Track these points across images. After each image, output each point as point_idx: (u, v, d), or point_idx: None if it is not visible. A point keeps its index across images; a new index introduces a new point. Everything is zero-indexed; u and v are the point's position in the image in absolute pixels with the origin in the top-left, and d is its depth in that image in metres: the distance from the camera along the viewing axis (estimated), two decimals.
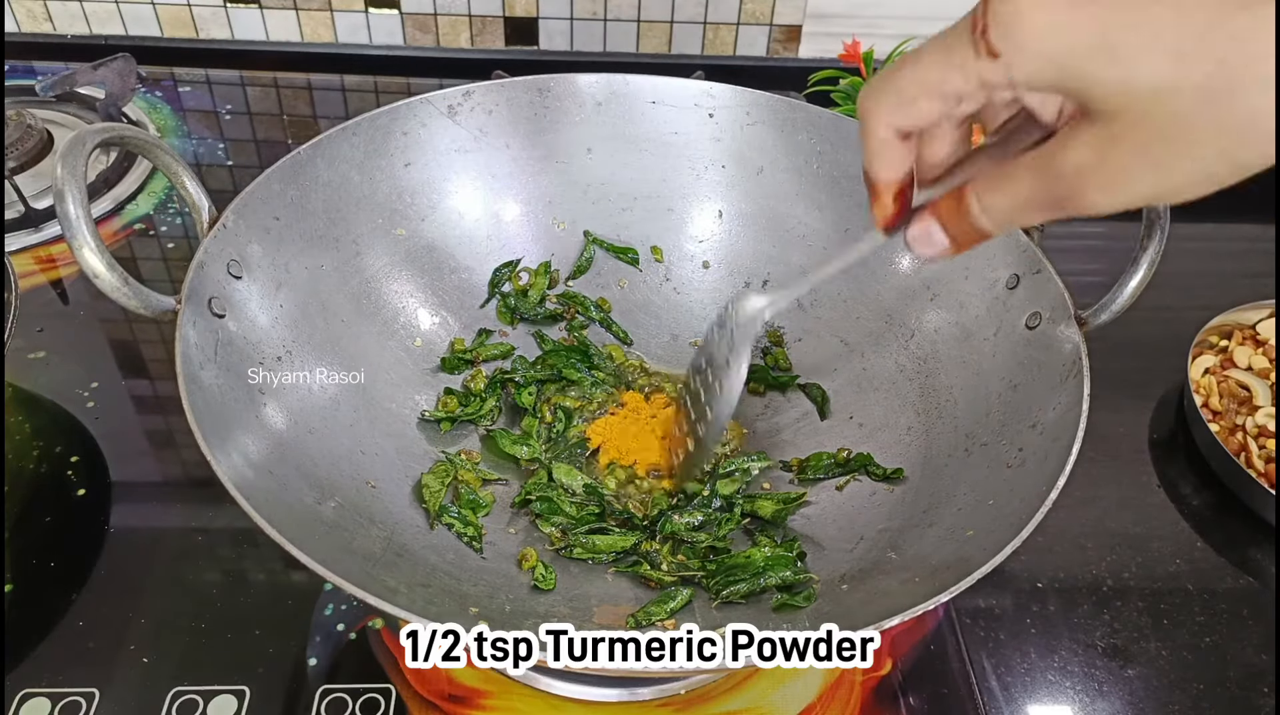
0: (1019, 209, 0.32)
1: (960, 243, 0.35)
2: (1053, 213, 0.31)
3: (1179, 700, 0.54)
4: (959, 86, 0.30)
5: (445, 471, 0.56)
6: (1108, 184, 0.29)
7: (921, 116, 0.32)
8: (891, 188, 0.36)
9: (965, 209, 0.33)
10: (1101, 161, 0.28)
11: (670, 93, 0.65)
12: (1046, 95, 0.30)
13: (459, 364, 0.63)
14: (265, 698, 0.50)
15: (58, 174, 0.42)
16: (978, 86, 0.29)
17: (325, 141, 0.58)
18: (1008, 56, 0.28)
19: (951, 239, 0.35)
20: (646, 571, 0.52)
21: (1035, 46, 0.28)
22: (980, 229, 0.33)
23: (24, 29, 1.01)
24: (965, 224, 0.34)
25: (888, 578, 0.47)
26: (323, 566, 0.38)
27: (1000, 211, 0.33)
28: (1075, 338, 0.49)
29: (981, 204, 0.33)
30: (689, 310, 0.68)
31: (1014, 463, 0.49)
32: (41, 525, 0.58)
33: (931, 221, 0.35)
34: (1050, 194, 0.30)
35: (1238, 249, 0.88)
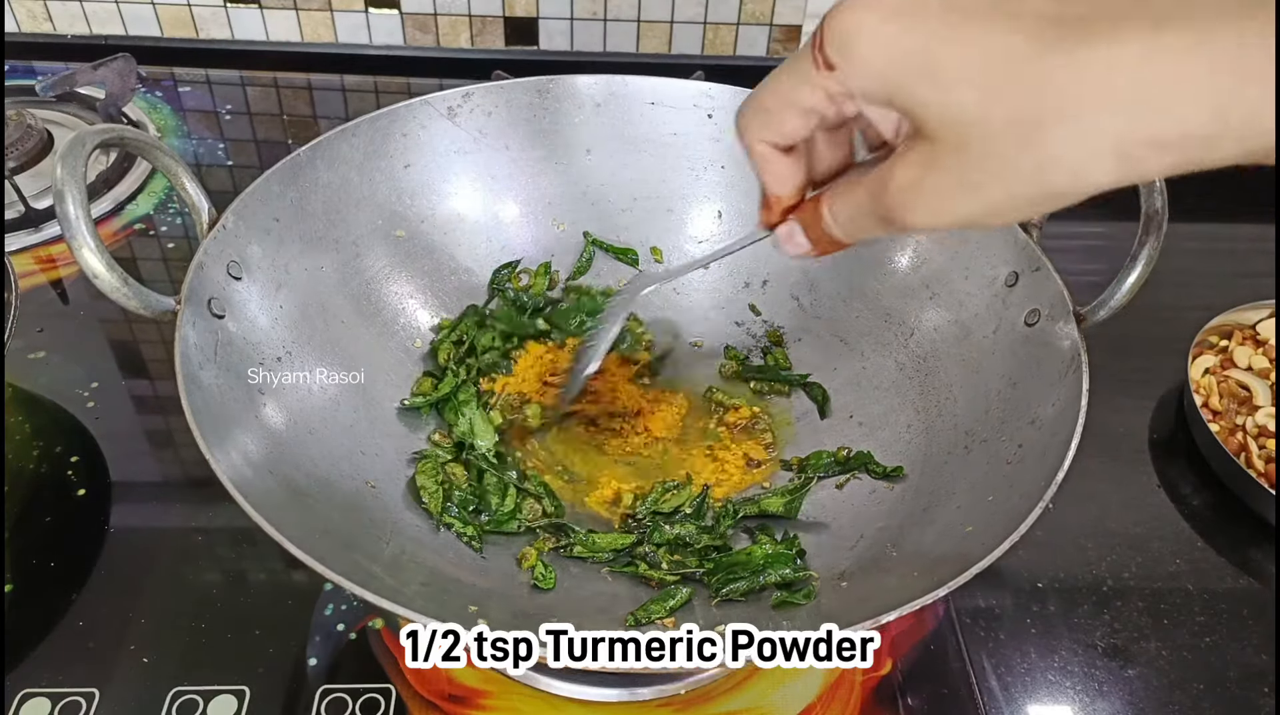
0: (857, 220, 0.33)
1: (819, 245, 0.37)
2: (883, 227, 0.32)
3: (1179, 700, 0.54)
4: (807, 99, 0.31)
5: (433, 467, 0.55)
6: (927, 205, 0.30)
7: (786, 130, 0.33)
8: (781, 202, 0.37)
9: (819, 215, 0.35)
10: (922, 181, 0.29)
11: (669, 93, 0.65)
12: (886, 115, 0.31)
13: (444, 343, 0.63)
14: (265, 698, 0.50)
15: (57, 174, 0.42)
16: (824, 98, 0.31)
17: (325, 143, 0.58)
18: (841, 69, 0.29)
19: (811, 242, 0.37)
20: (645, 571, 0.52)
21: (866, 61, 0.29)
22: (830, 235, 0.35)
23: (24, 29, 1.01)
24: (819, 229, 0.36)
25: (887, 575, 0.47)
26: (323, 566, 0.38)
27: (843, 221, 0.34)
28: (1074, 334, 0.49)
29: (831, 212, 0.34)
30: (689, 311, 0.68)
31: (1013, 459, 0.49)
32: (41, 525, 0.58)
33: (795, 224, 0.37)
34: (878, 209, 0.32)
35: (1238, 249, 0.88)
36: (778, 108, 0.33)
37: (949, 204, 0.29)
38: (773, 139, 0.34)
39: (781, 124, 0.33)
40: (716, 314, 0.68)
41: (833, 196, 0.34)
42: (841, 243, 0.35)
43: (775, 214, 0.38)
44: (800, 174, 0.36)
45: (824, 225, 0.35)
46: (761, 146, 0.35)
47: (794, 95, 0.32)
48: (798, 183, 0.36)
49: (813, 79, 0.30)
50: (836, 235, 0.35)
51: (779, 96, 0.33)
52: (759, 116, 0.34)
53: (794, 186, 0.36)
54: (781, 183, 0.36)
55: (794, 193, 0.37)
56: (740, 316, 0.67)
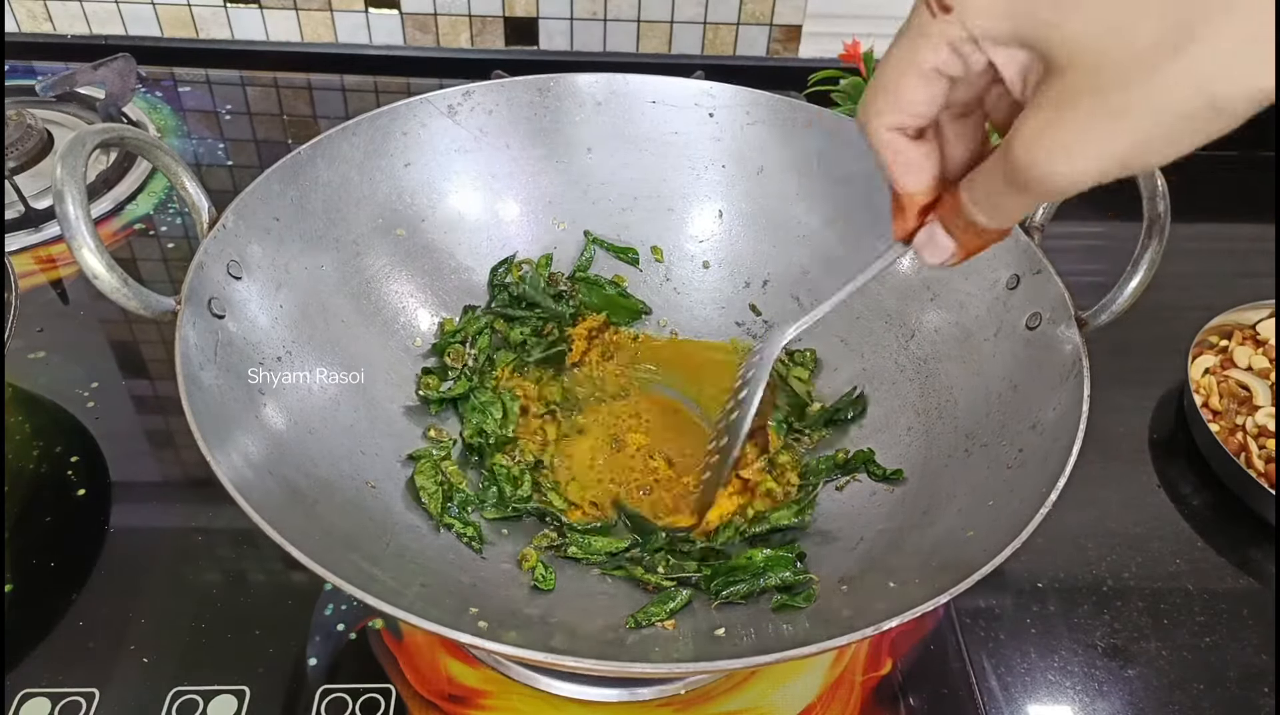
0: (998, 195, 0.30)
1: (964, 242, 0.33)
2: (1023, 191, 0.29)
3: (1179, 700, 0.54)
4: (929, 57, 0.29)
5: (431, 467, 0.55)
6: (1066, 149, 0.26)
7: (912, 104, 0.30)
8: (916, 201, 0.34)
9: (960, 205, 0.32)
10: (1058, 122, 0.26)
11: (670, 92, 0.65)
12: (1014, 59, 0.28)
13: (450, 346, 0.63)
14: (265, 698, 0.50)
15: (57, 174, 0.42)
16: (947, 50, 0.28)
17: (325, 142, 0.58)
18: (960, 6, 0.27)
19: (956, 240, 0.33)
20: (641, 575, 0.52)
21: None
22: (975, 223, 0.32)
23: (24, 29, 1.01)
24: (961, 220, 0.32)
25: (888, 578, 0.47)
26: (323, 566, 0.38)
27: (984, 200, 0.31)
28: (1075, 338, 0.49)
29: (971, 196, 0.31)
30: (689, 310, 0.68)
31: (1014, 463, 0.49)
32: (41, 525, 0.58)
33: (935, 225, 0.34)
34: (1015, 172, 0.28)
35: (1238, 249, 0.88)
36: (898, 79, 0.30)
37: (1091, 144, 0.26)
38: (899, 120, 0.31)
39: (906, 97, 0.30)
40: (717, 314, 0.68)
41: (970, 179, 0.31)
42: (988, 232, 0.32)
43: (910, 218, 0.34)
44: (933, 164, 0.33)
45: (965, 213, 0.32)
46: (888, 133, 0.31)
47: (914, 57, 0.29)
48: (931, 174, 0.33)
49: (930, 30, 0.28)
50: (980, 220, 0.31)
51: (897, 66, 0.30)
52: (880, 97, 0.31)
53: (928, 179, 0.33)
54: (913, 174, 0.33)
55: (928, 187, 0.33)
56: (740, 316, 0.67)
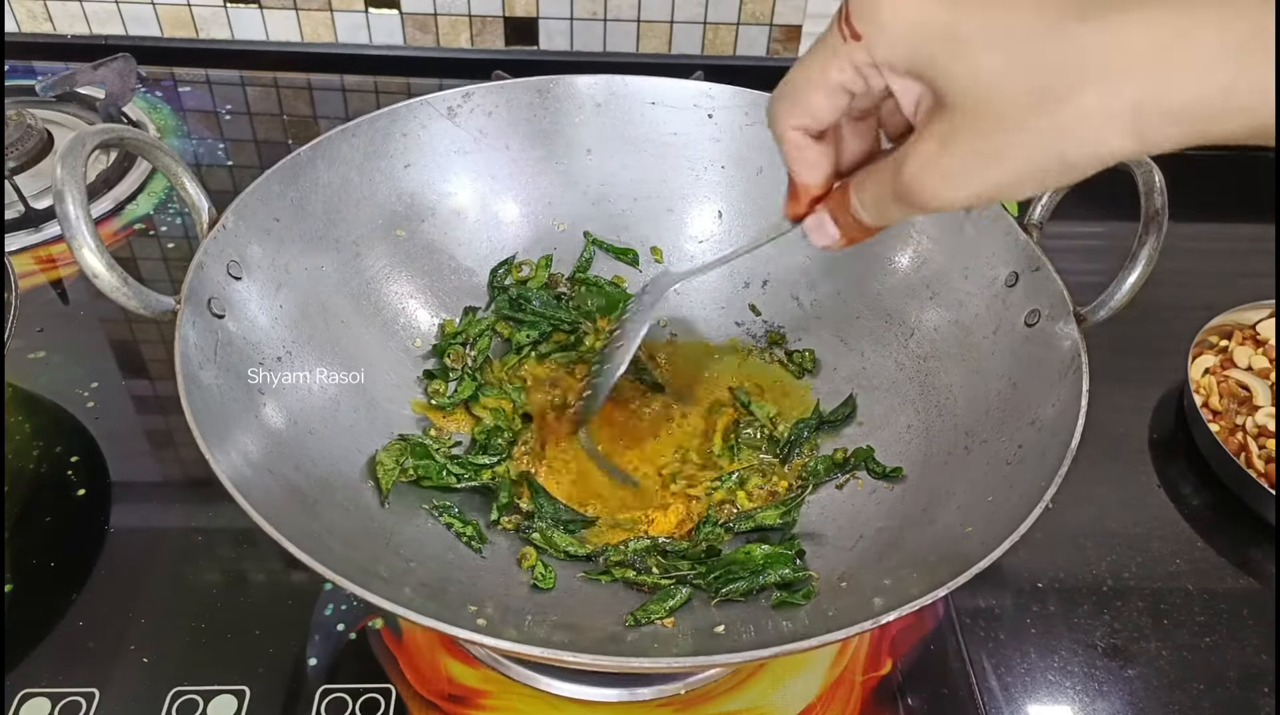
0: (882, 201, 0.34)
1: (847, 233, 0.37)
2: (906, 205, 0.32)
3: (1179, 700, 0.54)
4: (835, 74, 0.32)
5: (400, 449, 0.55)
6: (945, 177, 0.30)
7: (816, 111, 0.34)
8: (810, 191, 0.37)
9: (847, 201, 0.36)
10: (943, 152, 0.30)
11: (670, 93, 0.65)
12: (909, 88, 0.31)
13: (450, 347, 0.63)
14: (265, 698, 0.50)
15: (57, 174, 0.42)
16: (851, 71, 0.32)
17: (325, 143, 0.58)
18: (868, 37, 0.30)
19: (840, 230, 0.37)
20: (633, 576, 0.51)
21: (891, 29, 0.30)
22: (859, 220, 0.36)
23: (24, 29, 1.01)
24: (847, 215, 0.36)
25: (887, 575, 0.47)
26: (322, 566, 0.38)
27: (870, 204, 0.35)
28: (1074, 335, 0.49)
29: (858, 197, 0.35)
30: (689, 310, 0.68)
31: (1013, 460, 0.49)
32: (41, 525, 0.58)
33: (824, 213, 0.37)
34: (901, 185, 0.32)
35: (1238, 249, 0.88)
36: (806, 88, 0.33)
37: (967, 176, 0.30)
38: (803, 122, 0.35)
39: (811, 104, 0.34)
40: (717, 314, 0.68)
41: (859, 181, 0.35)
42: (869, 228, 0.36)
43: (802, 204, 0.38)
44: (829, 162, 0.37)
45: (852, 210, 0.35)
46: (792, 133, 0.35)
47: (822, 72, 0.32)
48: (826, 171, 0.37)
49: (840, 51, 0.31)
50: (865, 219, 0.35)
51: (808, 76, 0.33)
52: (788, 99, 0.34)
53: (823, 174, 0.37)
54: (811, 170, 0.37)
55: (823, 181, 0.37)
56: (740, 316, 0.67)
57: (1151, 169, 0.49)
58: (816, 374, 0.64)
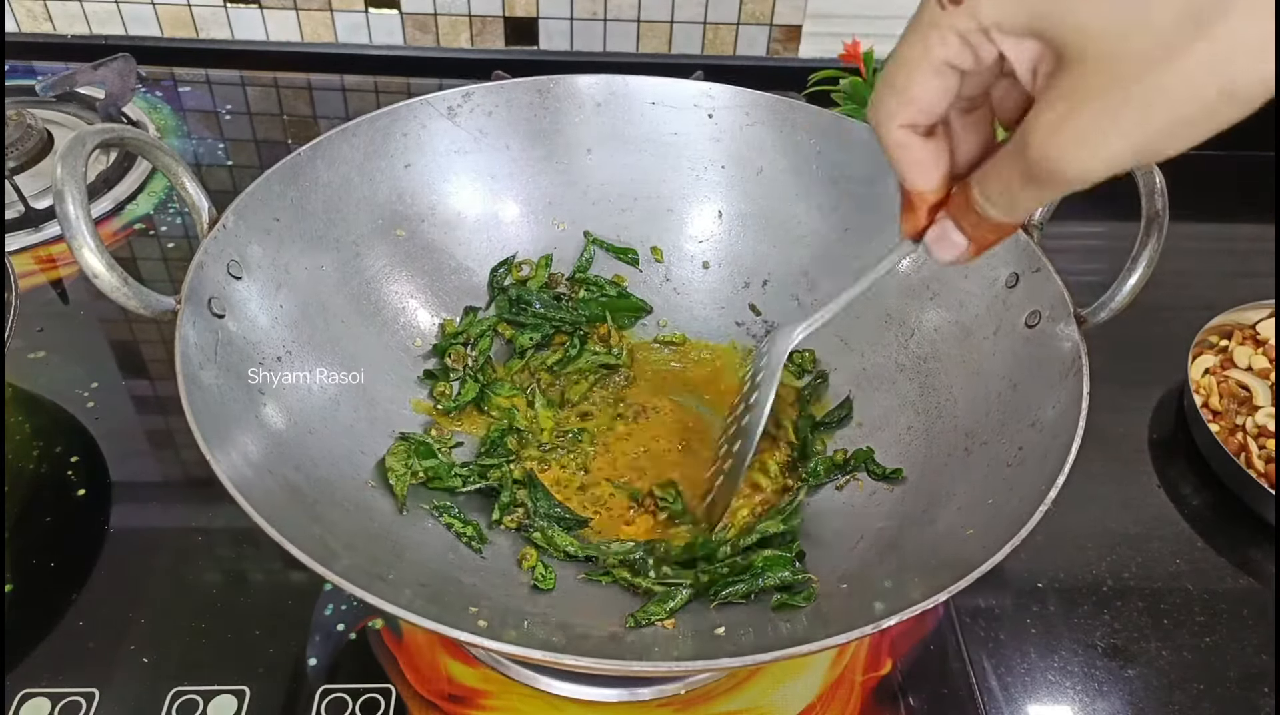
0: (1011, 190, 0.30)
1: (976, 239, 0.33)
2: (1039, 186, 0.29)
3: (1179, 700, 0.54)
4: (939, 50, 0.29)
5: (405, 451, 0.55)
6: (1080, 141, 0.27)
7: (923, 99, 0.31)
8: (926, 199, 0.34)
9: (971, 200, 0.32)
10: (1074, 112, 0.26)
11: (670, 93, 0.65)
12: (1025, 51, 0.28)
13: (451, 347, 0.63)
14: (265, 698, 0.50)
15: (57, 174, 0.42)
16: (957, 42, 0.28)
17: (325, 143, 0.58)
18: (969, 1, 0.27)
19: (968, 236, 0.33)
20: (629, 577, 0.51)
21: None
22: (988, 218, 0.32)
23: (24, 29, 1.01)
24: (973, 216, 0.32)
25: (887, 577, 0.47)
26: (322, 566, 0.38)
27: (997, 195, 0.31)
28: (1075, 336, 0.49)
29: (982, 190, 0.31)
30: (689, 311, 0.68)
31: (1013, 461, 0.49)
32: (41, 525, 0.58)
33: (947, 222, 0.34)
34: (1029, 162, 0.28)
35: (1238, 249, 0.88)
36: (909, 76, 0.30)
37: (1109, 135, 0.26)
38: (909, 117, 0.31)
39: (917, 94, 0.30)
40: (717, 314, 0.68)
41: (981, 173, 0.31)
42: (1001, 227, 0.32)
43: (921, 216, 0.35)
44: (943, 161, 0.33)
45: (978, 207, 0.32)
46: (898, 132, 0.32)
47: (925, 51, 0.29)
48: (942, 172, 0.33)
49: (940, 22, 0.28)
50: (993, 215, 0.31)
51: (908, 63, 0.30)
52: (891, 96, 0.31)
53: (938, 176, 0.33)
54: (925, 174, 0.33)
55: (939, 185, 0.34)
56: (740, 316, 0.67)
57: (1152, 171, 0.49)
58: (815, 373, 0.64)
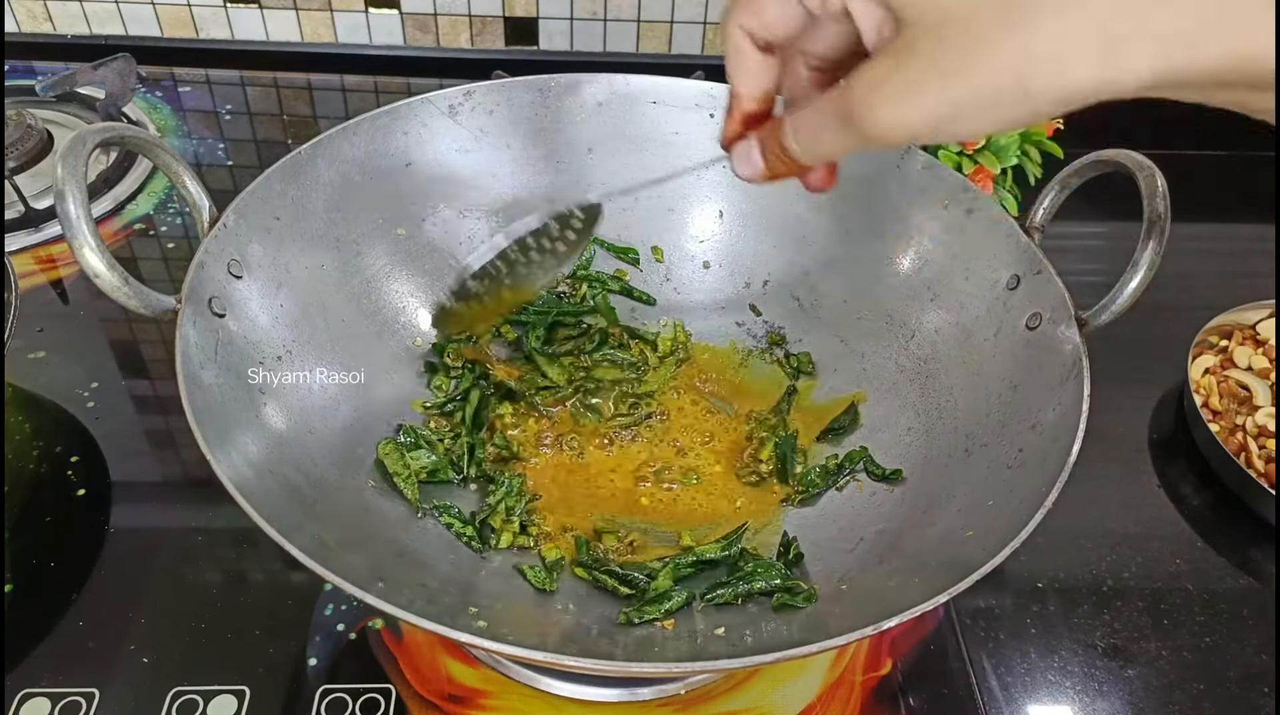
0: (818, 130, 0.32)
1: (773, 166, 0.35)
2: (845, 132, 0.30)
3: (1179, 700, 0.54)
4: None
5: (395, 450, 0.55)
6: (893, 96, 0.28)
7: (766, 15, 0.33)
8: (742, 105, 0.36)
9: (780, 129, 0.34)
10: (896, 69, 0.28)
11: (671, 93, 0.65)
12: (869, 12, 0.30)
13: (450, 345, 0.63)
14: (265, 698, 0.50)
15: (58, 174, 0.42)
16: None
17: (326, 141, 0.58)
18: None
19: (766, 162, 0.35)
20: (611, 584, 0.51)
21: None
22: (788, 150, 0.33)
23: (24, 29, 1.01)
24: (777, 146, 0.34)
25: (887, 578, 0.47)
26: (322, 567, 0.38)
27: (804, 131, 0.33)
28: (1075, 338, 0.49)
29: (793, 125, 0.33)
30: (689, 310, 0.68)
31: (1014, 463, 0.49)
32: (41, 525, 0.58)
33: (754, 140, 0.35)
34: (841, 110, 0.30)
35: (1238, 249, 0.88)
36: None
37: (916, 97, 0.28)
38: (752, 25, 0.33)
39: (763, 6, 0.33)
40: (717, 314, 0.68)
41: (797, 110, 0.33)
42: (796, 162, 0.34)
43: (735, 123, 0.36)
44: (770, 77, 0.35)
45: (783, 137, 0.33)
46: (739, 35, 0.34)
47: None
48: (764, 86, 0.35)
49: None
50: (793, 150, 0.33)
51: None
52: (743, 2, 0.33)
53: (759, 88, 0.35)
54: (748, 79, 0.35)
55: (759, 95, 0.36)
56: (740, 316, 0.67)
57: (1154, 172, 0.49)
58: (815, 376, 0.64)
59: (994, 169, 0.75)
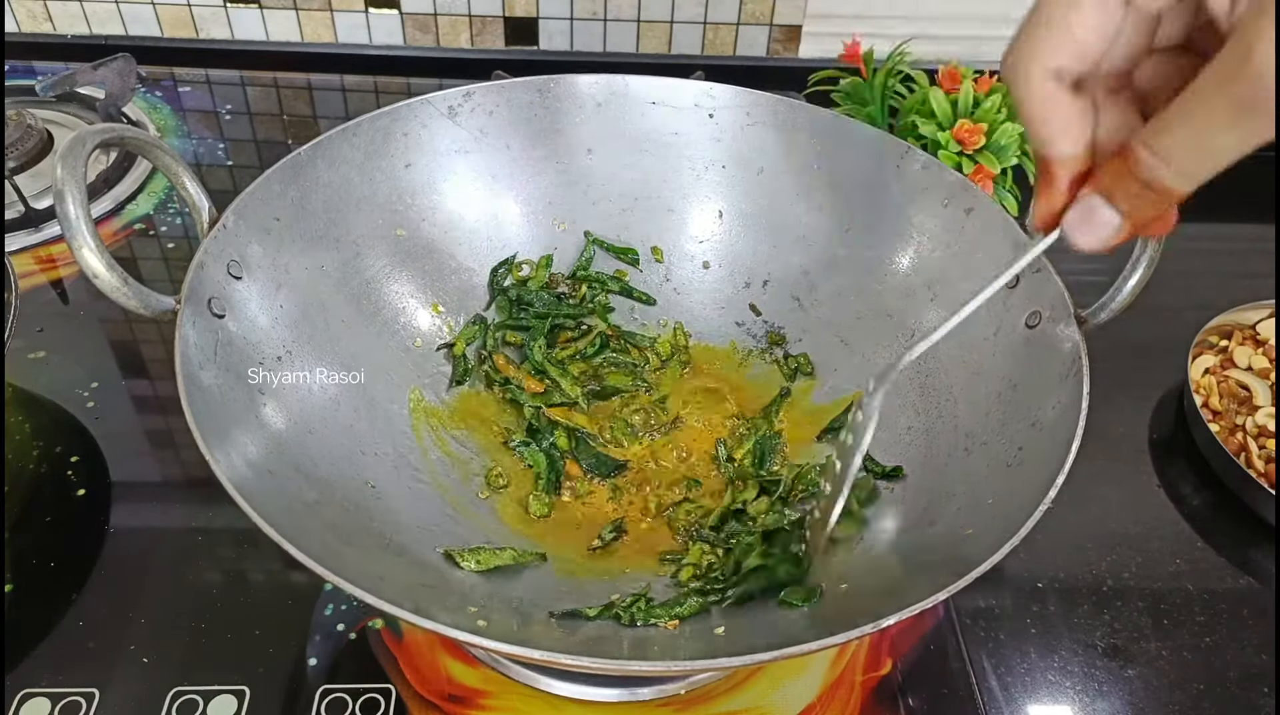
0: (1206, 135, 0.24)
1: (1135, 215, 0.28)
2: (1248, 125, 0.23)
3: (1179, 700, 0.54)
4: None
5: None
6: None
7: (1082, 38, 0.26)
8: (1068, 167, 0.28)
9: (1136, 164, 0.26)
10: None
11: (670, 93, 0.65)
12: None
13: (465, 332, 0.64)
14: (265, 698, 0.50)
15: (57, 174, 0.42)
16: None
17: (326, 142, 0.58)
18: None
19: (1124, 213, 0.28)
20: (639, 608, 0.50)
21: None
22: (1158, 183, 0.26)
23: (24, 29, 1.01)
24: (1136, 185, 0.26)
25: (887, 577, 0.47)
26: (323, 566, 0.38)
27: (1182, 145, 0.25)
28: (1075, 337, 0.49)
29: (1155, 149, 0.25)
30: (690, 310, 0.68)
31: (1013, 462, 0.49)
32: (41, 525, 0.58)
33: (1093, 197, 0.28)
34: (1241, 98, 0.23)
35: (1238, 249, 0.88)
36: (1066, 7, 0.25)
37: None
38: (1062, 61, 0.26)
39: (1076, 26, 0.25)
40: (717, 314, 0.68)
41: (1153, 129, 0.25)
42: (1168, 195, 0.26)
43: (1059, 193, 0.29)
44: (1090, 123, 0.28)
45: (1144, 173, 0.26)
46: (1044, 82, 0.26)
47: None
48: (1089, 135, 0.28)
49: None
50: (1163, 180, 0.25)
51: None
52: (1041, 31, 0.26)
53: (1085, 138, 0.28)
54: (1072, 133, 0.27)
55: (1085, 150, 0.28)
56: (740, 316, 0.67)
57: None
58: (814, 376, 0.64)
59: (994, 169, 0.75)
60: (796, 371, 0.64)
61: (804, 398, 0.63)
